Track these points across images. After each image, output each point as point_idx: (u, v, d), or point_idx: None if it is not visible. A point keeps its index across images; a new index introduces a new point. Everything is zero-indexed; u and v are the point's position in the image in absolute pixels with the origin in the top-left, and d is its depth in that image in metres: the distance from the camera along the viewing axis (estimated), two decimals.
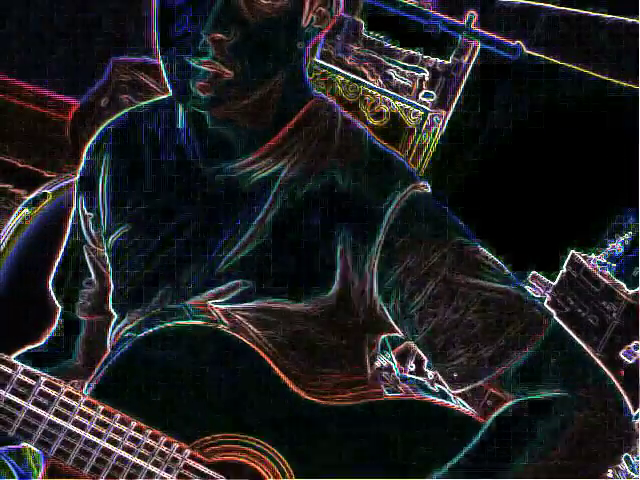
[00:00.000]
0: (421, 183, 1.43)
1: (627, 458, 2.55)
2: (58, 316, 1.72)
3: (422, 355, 1.42)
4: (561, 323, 1.40)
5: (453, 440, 1.38)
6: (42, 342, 1.71)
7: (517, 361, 1.35)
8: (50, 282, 1.72)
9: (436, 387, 1.49)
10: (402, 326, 1.42)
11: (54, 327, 1.72)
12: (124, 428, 1.39)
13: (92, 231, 1.63)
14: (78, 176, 1.64)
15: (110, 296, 1.59)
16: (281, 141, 1.46)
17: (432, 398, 1.46)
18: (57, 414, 1.39)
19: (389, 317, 1.42)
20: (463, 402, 1.47)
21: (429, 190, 1.44)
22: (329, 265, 1.41)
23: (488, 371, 1.35)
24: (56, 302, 1.72)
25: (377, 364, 1.55)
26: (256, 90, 1.40)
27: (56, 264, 1.72)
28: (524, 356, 1.35)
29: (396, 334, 1.48)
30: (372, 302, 1.42)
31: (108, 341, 1.58)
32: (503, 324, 1.35)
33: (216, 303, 1.44)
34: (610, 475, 2.57)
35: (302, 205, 1.43)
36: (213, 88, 1.36)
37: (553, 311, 1.41)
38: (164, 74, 1.41)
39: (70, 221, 1.69)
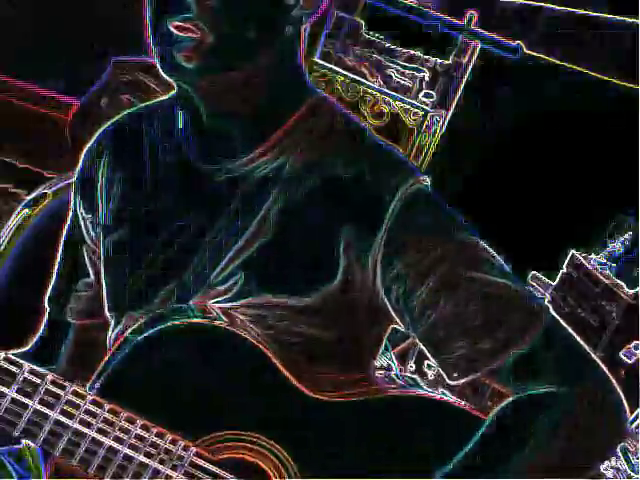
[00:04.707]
0: (422, 177, 1.45)
1: (627, 458, 2.56)
2: (44, 319, 1.68)
3: (422, 347, 1.42)
4: (558, 318, 1.41)
5: (453, 436, 1.39)
6: (28, 347, 1.67)
7: (516, 354, 1.36)
8: (50, 288, 1.69)
9: (440, 391, 1.50)
10: (403, 318, 1.43)
11: (40, 331, 1.68)
12: (130, 426, 1.39)
13: (91, 231, 1.62)
14: (76, 177, 1.63)
15: (106, 299, 1.57)
16: (281, 139, 1.46)
17: (431, 393, 1.46)
18: (63, 413, 1.39)
19: (390, 308, 1.43)
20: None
21: (429, 184, 1.45)
22: (332, 259, 1.42)
23: (487, 363, 1.37)
24: (45, 304, 1.68)
25: (377, 364, 1.56)
26: (239, 65, 1.40)
27: (56, 268, 1.69)
28: (524, 349, 1.36)
29: (397, 326, 1.49)
30: (375, 294, 1.43)
31: (108, 345, 1.57)
32: (503, 317, 1.37)
33: (218, 302, 1.45)
34: (610, 475, 2.58)
35: (304, 202, 1.44)
36: (196, 55, 1.36)
37: (550, 306, 1.43)
38: (153, 51, 1.41)
39: (67, 222, 1.67)
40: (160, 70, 1.42)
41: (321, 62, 3.52)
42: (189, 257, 1.47)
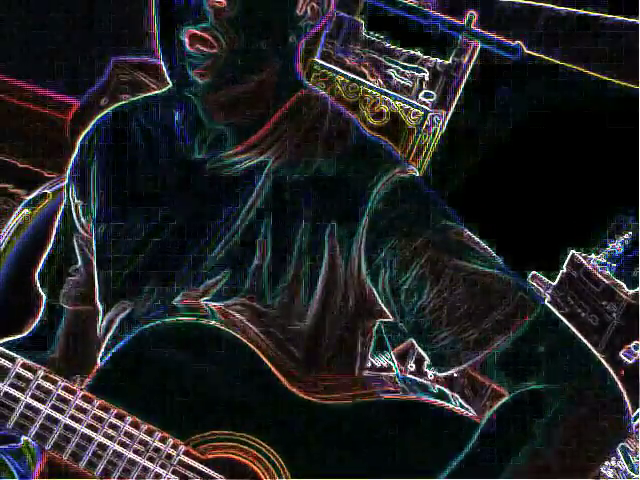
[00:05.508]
0: (408, 168, 1.46)
1: (627, 458, 2.56)
2: (42, 305, 1.70)
3: (411, 338, 1.43)
4: (552, 309, 1.41)
5: (450, 441, 1.39)
6: (25, 333, 1.69)
7: (502, 345, 1.36)
8: (37, 273, 1.70)
9: (436, 388, 1.50)
10: (390, 306, 1.43)
11: (38, 318, 1.69)
12: (119, 423, 1.39)
13: (82, 219, 1.63)
14: (72, 161, 1.65)
15: (96, 287, 1.58)
16: (269, 131, 1.48)
17: (430, 399, 1.46)
18: (54, 408, 1.40)
19: (378, 299, 1.44)
20: (462, 402, 1.48)
21: (416, 174, 1.46)
22: (317, 249, 1.43)
23: (473, 354, 1.37)
24: (40, 291, 1.70)
25: (376, 364, 1.56)
26: (250, 77, 1.41)
27: (45, 255, 1.70)
28: (509, 340, 1.36)
29: (387, 319, 1.49)
30: (361, 284, 1.44)
31: (98, 333, 1.58)
32: (488, 307, 1.37)
33: (207, 300, 1.45)
34: (610, 475, 2.58)
35: (289, 192, 1.45)
36: (210, 73, 1.37)
37: (547, 296, 1.43)
38: (161, 60, 1.43)
39: (60, 212, 1.68)
40: (167, 77, 1.44)
41: (321, 62, 3.52)
42: (177, 246, 1.49)
